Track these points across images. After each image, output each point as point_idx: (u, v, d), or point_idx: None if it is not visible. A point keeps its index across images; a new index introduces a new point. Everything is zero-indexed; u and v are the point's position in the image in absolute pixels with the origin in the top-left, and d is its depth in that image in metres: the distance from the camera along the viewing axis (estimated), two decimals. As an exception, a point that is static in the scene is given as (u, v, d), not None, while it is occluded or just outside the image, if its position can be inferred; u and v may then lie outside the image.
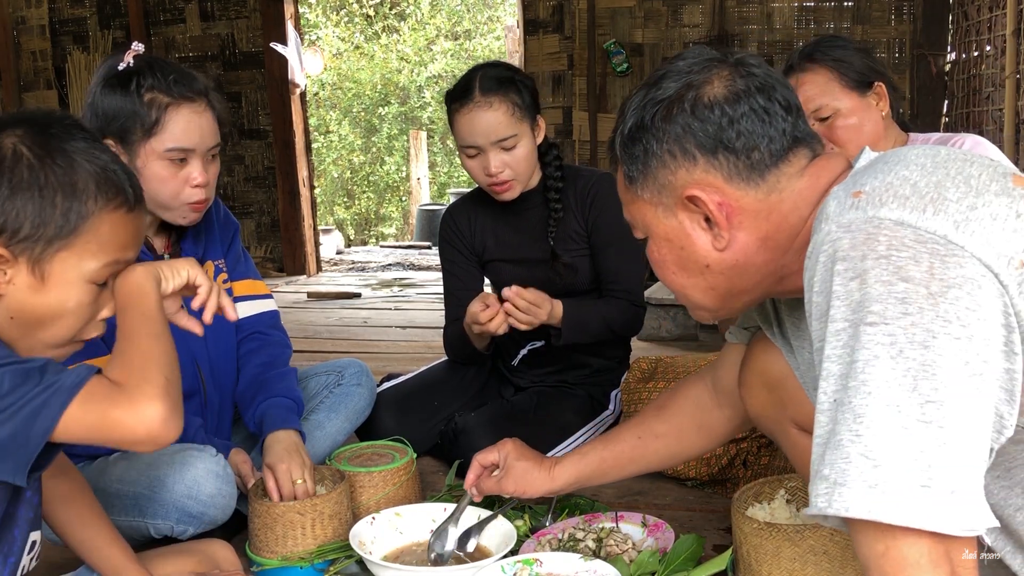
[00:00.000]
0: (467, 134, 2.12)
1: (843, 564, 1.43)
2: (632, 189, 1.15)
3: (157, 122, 1.68)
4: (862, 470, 0.82)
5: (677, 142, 1.09)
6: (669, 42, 5.36)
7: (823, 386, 0.88)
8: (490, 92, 2.09)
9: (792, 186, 1.08)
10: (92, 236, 1.14)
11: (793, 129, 1.09)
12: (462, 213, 2.38)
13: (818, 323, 0.92)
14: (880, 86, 1.97)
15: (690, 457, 1.66)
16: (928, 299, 0.83)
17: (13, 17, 6.42)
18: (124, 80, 1.69)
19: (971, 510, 0.80)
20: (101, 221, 1.14)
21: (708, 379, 1.55)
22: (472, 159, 2.16)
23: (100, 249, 1.15)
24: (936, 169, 0.92)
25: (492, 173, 2.12)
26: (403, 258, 7.91)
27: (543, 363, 2.39)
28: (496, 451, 1.68)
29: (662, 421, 1.57)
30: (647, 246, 1.18)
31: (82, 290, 1.15)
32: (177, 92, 1.70)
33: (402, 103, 12.58)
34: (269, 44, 5.92)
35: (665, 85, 1.12)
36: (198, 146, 1.72)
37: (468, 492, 1.70)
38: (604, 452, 1.60)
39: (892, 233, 0.86)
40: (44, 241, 1.11)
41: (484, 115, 2.09)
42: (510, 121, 2.10)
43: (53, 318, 1.14)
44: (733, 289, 1.14)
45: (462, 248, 2.37)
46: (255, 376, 1.95)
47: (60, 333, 1.16)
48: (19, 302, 1.12)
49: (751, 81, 1.10)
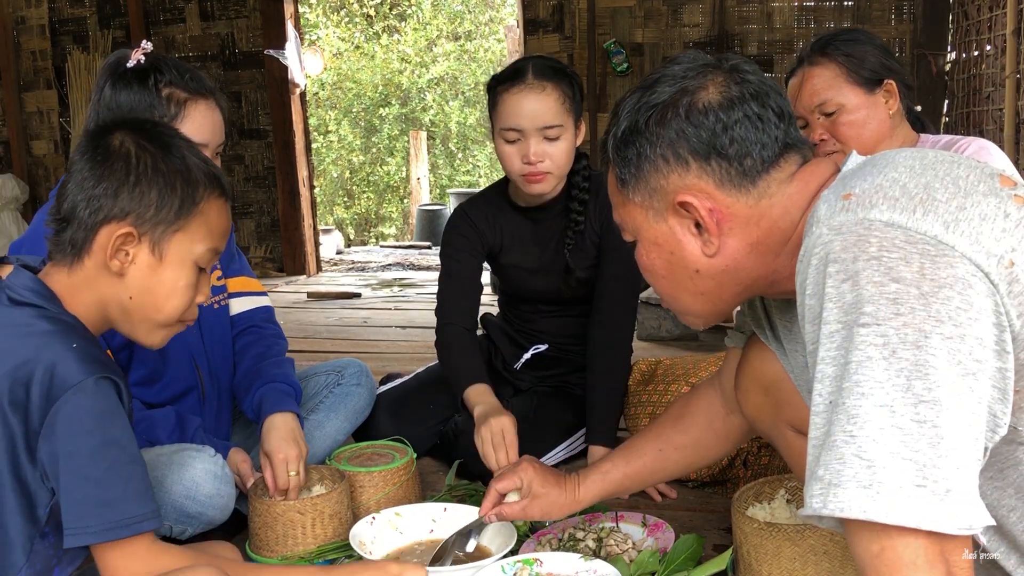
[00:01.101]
0: (512, 115, 2.02)
1: (843, 564, 1.43)
2: (623, 192, 1.15)
3: (176, 116, 1.71)
4: (856, 470, 0.82)
5: (670, 147, 1.09)
6: (669, 42, 5.36)
7: (818, 388, 0.88)
8: (543, 77, 2.02)
9: (782, 191, 1.09)
10: (202, 221, 1.26)
11: (785, 136, 1.10)
12: (478, 210, 2.26)
13: (811, 326, 0.92)
14: (890, 83, 1.95)
15: (706, 464, 1.66)
16: (920, 299, 0.83)
17: (13, 17, 6.42)
18: (141, 75, 1.71)
19: (967, 509, 0.80)
20: (209, 207, 1.27)
21: (716, 386, 1.56)
22: (510, 144, 2.05)
23: (208, 234, 1.28)
24: (925, 171, 0.92)
25: (531, 160, 2.02)
26: (403, 258, 7.91)
27: (546, 366, 2.38)
28: (517, 477, 1.59)
29: (680, 432, 1.57)
30: (636, 250, 1.18)
31: (191, 271, 1.27)
32: (193, 88, 1.73)
33: (403, 104, 12.58)
34: (266, 52, 5.92)
35: (660, 89, 1.12)
36: (210, 142, 1.76)
37: (486, 519, 1.61)
38: (627, 468, 1.59)
39: (883, 234, 0.86)
40: (165, 223, 1.23)
41: (534, 97, 2.01)
42: (559, 109, 2.02)
43: (167, 296, 1.25)
44: (723, 294, 1.15)
45: (474, 242, 2.24)
46: (251, 366, 1.95)
47: (171, 312, 1.26)
48: (139, 281, 1.23)
49: (745, 88, 1.10)
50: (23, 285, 1.21)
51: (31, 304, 1.20)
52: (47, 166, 6.57)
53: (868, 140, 1.93)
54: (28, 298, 1.20)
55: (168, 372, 1.79)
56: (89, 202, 1.21)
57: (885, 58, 1.97)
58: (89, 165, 1.23)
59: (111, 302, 1.24)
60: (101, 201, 1.21)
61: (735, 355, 1.49)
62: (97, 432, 1.15)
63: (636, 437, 1.62)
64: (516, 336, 2.40)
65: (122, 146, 1.23)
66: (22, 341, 1.16)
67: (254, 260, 6.28)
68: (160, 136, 1.27)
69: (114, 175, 1.22)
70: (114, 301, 1.24)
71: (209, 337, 1.88)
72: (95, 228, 1.21)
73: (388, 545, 1.74)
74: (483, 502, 1.61)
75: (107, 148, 1.23)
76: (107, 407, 1.17)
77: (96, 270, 1.22)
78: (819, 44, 1.99)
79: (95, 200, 1.21)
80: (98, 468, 1.15)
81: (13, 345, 1.16)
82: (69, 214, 1.22)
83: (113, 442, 1.17)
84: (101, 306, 1.24)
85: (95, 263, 1.22)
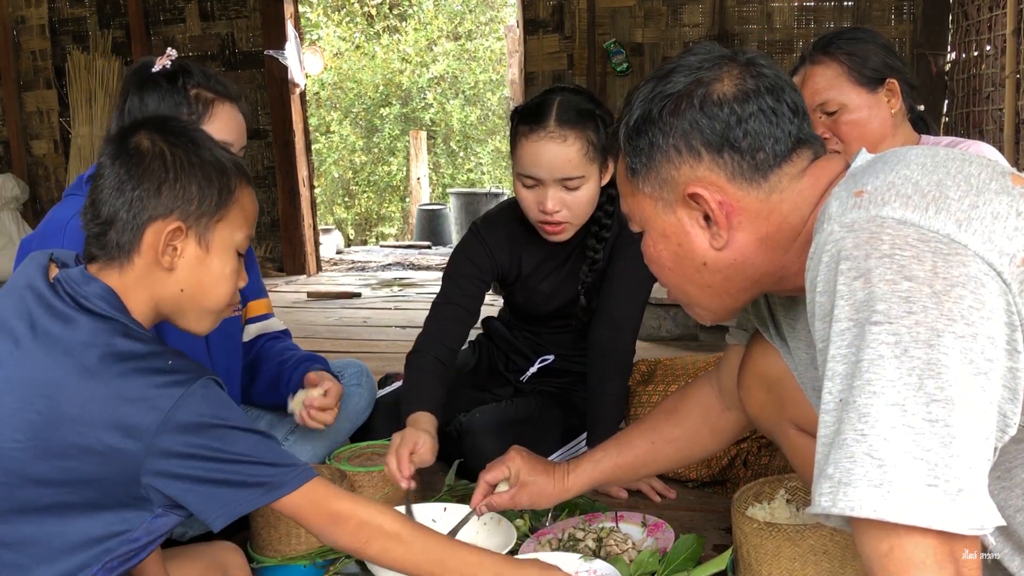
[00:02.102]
0: (530, 164, 1.93)
1: (843, 564, 1.43)
2: (633, 181, 1.14)
3: (203, 116, 1.74)
4: (867, 469, 0.81)
5: (683, 138, 1.08)
6: (669, 42, 5.36)
7: (828, 386, 0.88)
8: (566, 124, 1.90)
9: (793, 186, 1.08)
10: (239, 208, 1.29)
11: (798, 131, 1.09)
12: (495, 235, 2.15)
13: (821, 323, 0.91)
14: (893, 83, 1.94)
15: (700, 459, 1.65)
16: (932, 298, 0.83)
17: (13, 17, 6.42)
18: (170, 78, 1.74)
19: (979, 509, 0.80)
20: (243, 194, 1.29)
21: (714, 381, 1.55)
22: (528, 189, 1.97)
23: (245, 221, 1.30)
24: (936, 168, 0.92)
25: (548, 210, 1.94)
26: (403, 258, 7.91)
27: (551, 375, 2.36)
28: (504, 467, 1.60)
29: (673, 425, 1.56)
30: (643, 240, 1.17)
31: (234, 257, 1.29)
32: (220, 90, 1.77)
33: (404, 104, 12.57)
34: (266, 52, 5.92)
35: (675, 79, 1.11)
36: (236, 142, 1.78)
37: (476, 510, 1.61)
38: (618, 459, 1.59)
39: (895, 232, 0.86)
40: (208, 214, 1.25)
41: (554, 148, 1.90)
42: (581, 160, 1.91)
43: (216, 284, 1.27)
44: (730, 288, 1.14)
45: (484, 270, 2.14)
46: (276, 365, 2.02)
47: (221, 299, 1.29)
48: (188, 273, 1.25)
49: (761, 81, 1.09)
50: (97, 295, 1.19)
51: (111, 318, 1.18)
52: (47, 166, 6.57)
53: (870, 139, 1.93)
54: (105, 311, 1.18)
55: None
56: (132, 204, 1.21)
57: (888, 57, 1.96)
58: (125, 168, 1.22)
59: (164, 297, 1.25)
60: (145, 201, 1.22)
61: (736, 352, 1.49)
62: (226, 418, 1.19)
63: (629, 428, 1.62)
64: (522, 347, 2.37)
65: (154, 145, 1.24)
66: (125, 366, 1.15)
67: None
68: (185, 131, 1.28)
69: (153, 174, 1.22)
70: (167, 296, 1.25)
71: (216, 344, 1.89)
72: (142, 228, 1.22)
73: (388, 545, 1.74)
74: (473, 494, 1.62)
75: (138, 149, 1.23)
76: (223, 399, 1.20)
77: (147, 268, 1.23)
78: (822, 43, 1.99)
79: (138, 201, 1.21)
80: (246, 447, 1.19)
81: (111, 370, 1.15)
82: (111, 218, 1.22)
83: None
84: (155, 302, 1.25)
85: (145, 262, 1.23)
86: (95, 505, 1.16)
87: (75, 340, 1.15)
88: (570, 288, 2.18)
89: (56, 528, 1.16)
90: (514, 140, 1.98)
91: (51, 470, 1.13)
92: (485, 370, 2.43)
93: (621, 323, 2.11)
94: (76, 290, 1.19)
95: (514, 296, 2.28)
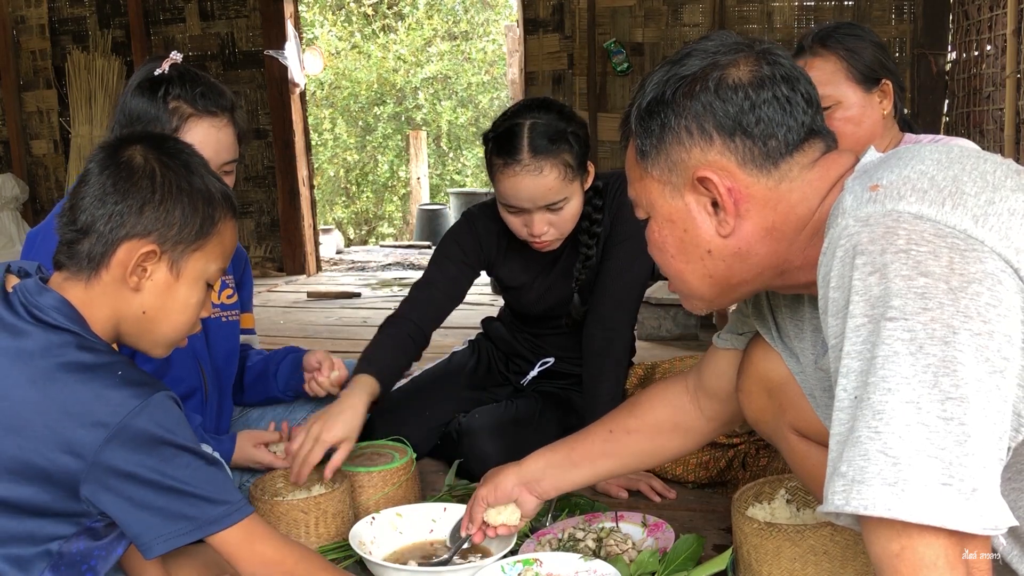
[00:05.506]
0: (511, 196, 1.95)
1: (843, 564, 1.43)
2: (642, 164, 1.13)
3: (176, 131, 1.73)
4: (881, 467, 0.80)
5: (696, 120, 1.08)
6: (669, 41, 5.35)
7: (842, 383, 0.87)
8: (540, 154, 1.90)
9: (803, 176, 1.07)
10: (218, 241, 1.27)
11: (811, 122, 1.08)
12: (485, 220, 2.18)
13: (835, 319, 0.90)
14: (887, 84, 1.94)
15: (669, 457, 1.62)
16: (948, 294, 0.82)
17: (13, 16, 6.42)
18: (154, 85, 1.74)
19: (993, 509, 0.79)
20: (225, 227, 1.29)
21: (690, 381, 1.53)
22: (514, 215, 2.00)
23: (221, 253, 1.29)
24: (952, 164, 0.91)
25: (535, 233, 1.98)
26: (403, 258, 7.90)
27: (551, 377, 2.36)
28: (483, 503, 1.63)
29: (634, 417, 1.55)
30: (648, 226, 1.16)
31: (202, 289, 1.28)
32: (201, 106, 1.75)
33: (398, 103, 12.57)
34: (266, 52, 5.91)
35: (690, 63, 1.10)
36: (212, 160, 1.74)
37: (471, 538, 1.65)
38: (573, 443, 1.59)
39: (912, 227, 0.85)
40: (186, 242, 1.24)
41: (531, 182, 1.91)
42: (560, 185, 1.93)
43: (179, 312, 1.26)
44: (732, 278, 1.13)
45: (470, 255, 2.17)
46: (260, 361, 2.09)
47: (179, 328, 1.28)
48: (153, 297, 1.24)
49: (777, 69, 1.08)
50: (52, 306, 1.18)
51: (65, 329, 1.18)
52: (47, 166, 6.57)
53: (861, 138, 1.92)
54: (60, 322, 1.18)
55: (171, 373, 1.80)
56: (111, 217, 1.20)
57: (883, 57, 1.96)
58: (112, 180, 1.21)
59: (124, 316, 1.24)
60: (125, 217, 1.20)
61: (723, 355, 1.47)
62: (173, 439, 1.17)
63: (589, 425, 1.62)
64: (522, 349, 2.37)
65: (147, 163, 1.23)
66: (73, 377, 1.14)
67: (254, 260, 6.28)
68: (180, 154, 1.27)
69: (139, 192, 1.21)
70: (127, 315, 1.24)
71: (215, 343, 1.90)
72: (116, 243, 1.20)
73: (388, 545, 1.74)
74: (471, 527, 1.64)
75: (130, 164, 1.22)
76: (177, 416, 1.19)
77: (113, 284, 1.22)
78: (820, 35, 1.98)
79: (117, 216, 1.20)
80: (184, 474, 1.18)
81: (59, 382, 1.14)
82: (87, 227, 1.21)
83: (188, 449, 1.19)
84: (115, 320, 1.24)
85: (112, 277, 1.22)
86: (37, 511, 1.16)
87: (25, 352, 1.15)
88: (564, 286, 2.18)
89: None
90: (490, 169, 1.99)
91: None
92: (484, 371, 2.43)
93: (614, 323, 2.11)
94: (30, 301, 1.18)
95: (506, 296, 2.29)
